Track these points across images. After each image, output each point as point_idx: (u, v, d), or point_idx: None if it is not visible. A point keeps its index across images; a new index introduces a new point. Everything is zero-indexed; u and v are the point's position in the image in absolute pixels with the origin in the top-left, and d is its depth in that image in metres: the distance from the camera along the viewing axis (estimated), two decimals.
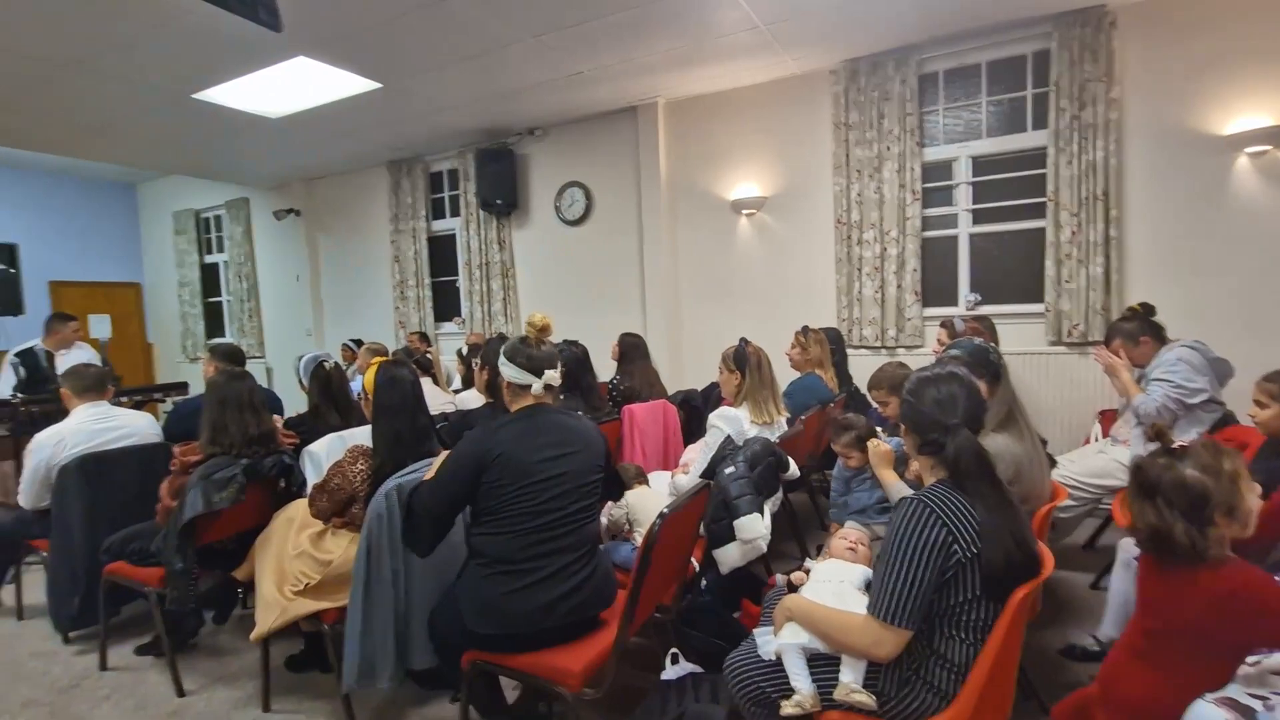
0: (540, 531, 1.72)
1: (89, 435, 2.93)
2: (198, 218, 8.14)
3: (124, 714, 2.34)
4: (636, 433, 3.16)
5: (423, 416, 2.25)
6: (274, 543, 2.30)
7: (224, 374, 2.67)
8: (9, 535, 3.09)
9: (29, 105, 4.53)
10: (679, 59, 4.26)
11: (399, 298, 6.60)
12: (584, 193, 5.54)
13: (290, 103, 4.68)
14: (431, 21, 3.51)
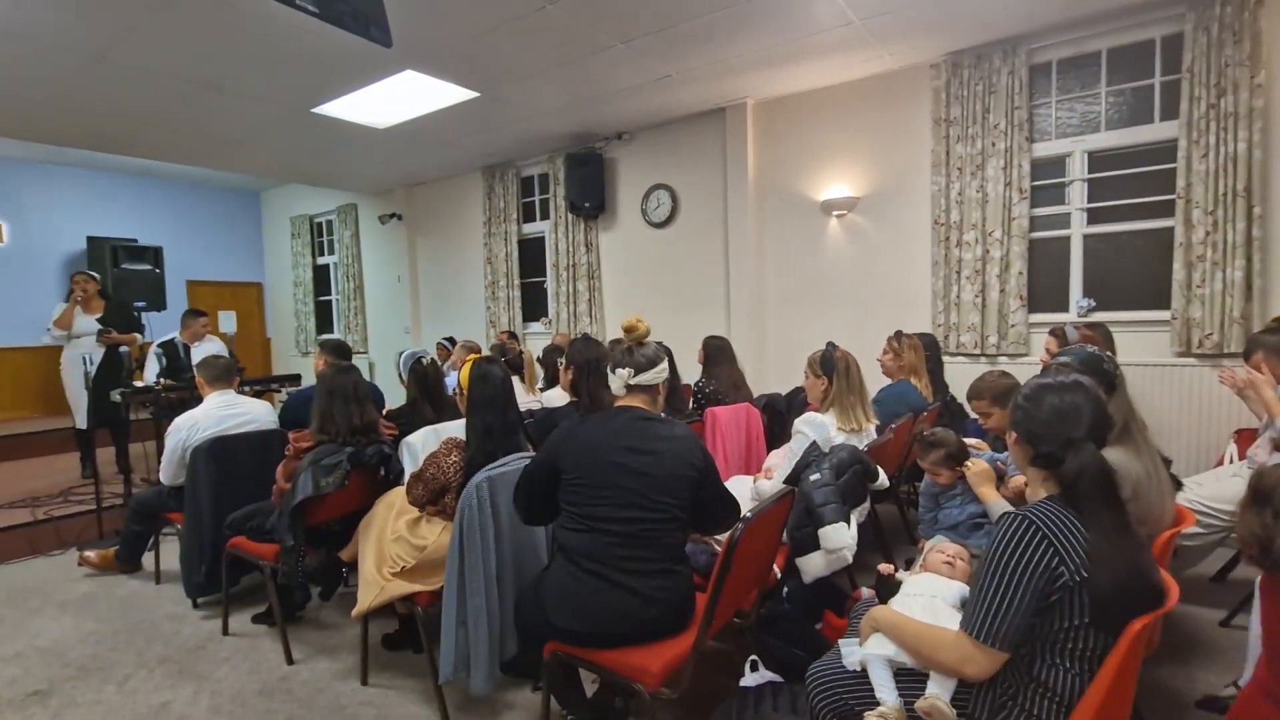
0: (619, 534, 1.73)
1: (217, 420, 3.23)
2: (311, 222, 8.80)
3: (241, 676, 2.55)
4: (718, 435, 3.14)
5: (512, 412, 2.33)
6: (375, 526, 2.45)
7: (332, 367, 2.87)
8: (150, 508, 3.45)
9: (175, 122, 5.04)
10: (769, 58, 4.21)
11: (490, 298, 6.86)
12: (670, 195, 5.57)
13: (396, 114, 4.97)
14: (528, 31, 3.63)
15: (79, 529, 4.13)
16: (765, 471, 2.68)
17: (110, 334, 5.16)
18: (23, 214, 7.44)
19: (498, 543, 2.09)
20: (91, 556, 3.64)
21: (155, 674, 2.58)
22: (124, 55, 3.78)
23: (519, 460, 2.22)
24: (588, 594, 1.72)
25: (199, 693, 2.44)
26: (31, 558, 3.91)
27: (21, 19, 3.32)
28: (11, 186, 7.34)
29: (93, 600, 3.30)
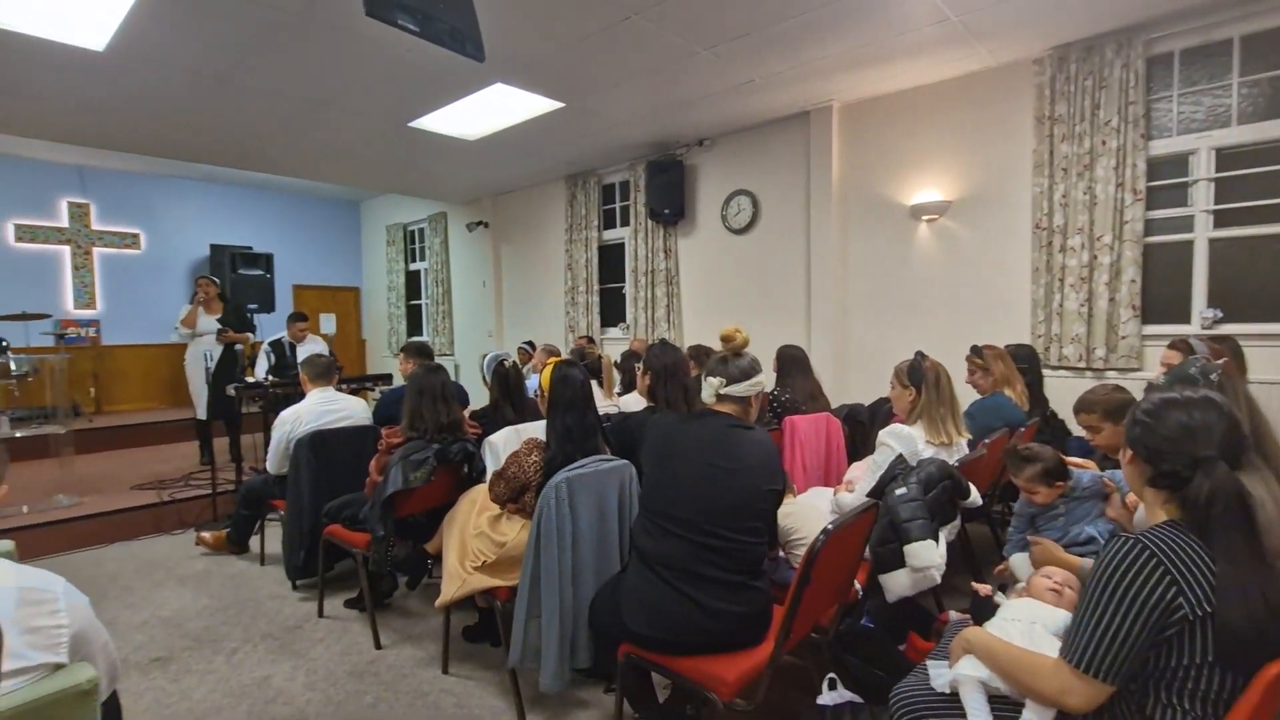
0: (696, 543, 1.71)
1: (318, 415, 3.45)
2: (405, 230, 9.28)
3: (333, 657, 2.70)
4: (797, 445, 3.07)
5: (591, 415, 2.36)
6: (458, 521, 2.54)
7: (423, 367, 3.00)
8: (257, 494, 3.73)
9: (287, 138, 5.45)
10: (857, 60, 4.10)
11: (570, 303, 7.00)
12: (751, 201, 5.51)
13: (485, 125, 5.17)
14: (613, 41, 3.70)
15: (197, 511, 4.51)
16: (846, 484, 2.59)
17: (227, 333, 5.61)
18: (157, 224, 8.23)
19: (574, 542, 2.11)
20: (206, 537, 3.96)
21: (258, 648, 2.78)
22: (245, 77, 4.12)
23: (597, 462, 2.25)
24: (662, 600, 1.72)
25: (296, 669, 2.60)
26: (157, 535, 4.30)
27: (158, 46, 3.68)
28: (148, 199, 8.15)
29: (207, 577, 3.59)
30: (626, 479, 2.28)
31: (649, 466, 1.79)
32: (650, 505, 1.77)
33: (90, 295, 7.77)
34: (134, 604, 3.23)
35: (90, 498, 4.60)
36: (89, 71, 3.97)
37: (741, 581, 1.74)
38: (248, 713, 2.32)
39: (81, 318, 7.64)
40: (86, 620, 1.25)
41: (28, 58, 3.76)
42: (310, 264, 9.53)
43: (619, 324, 6.75)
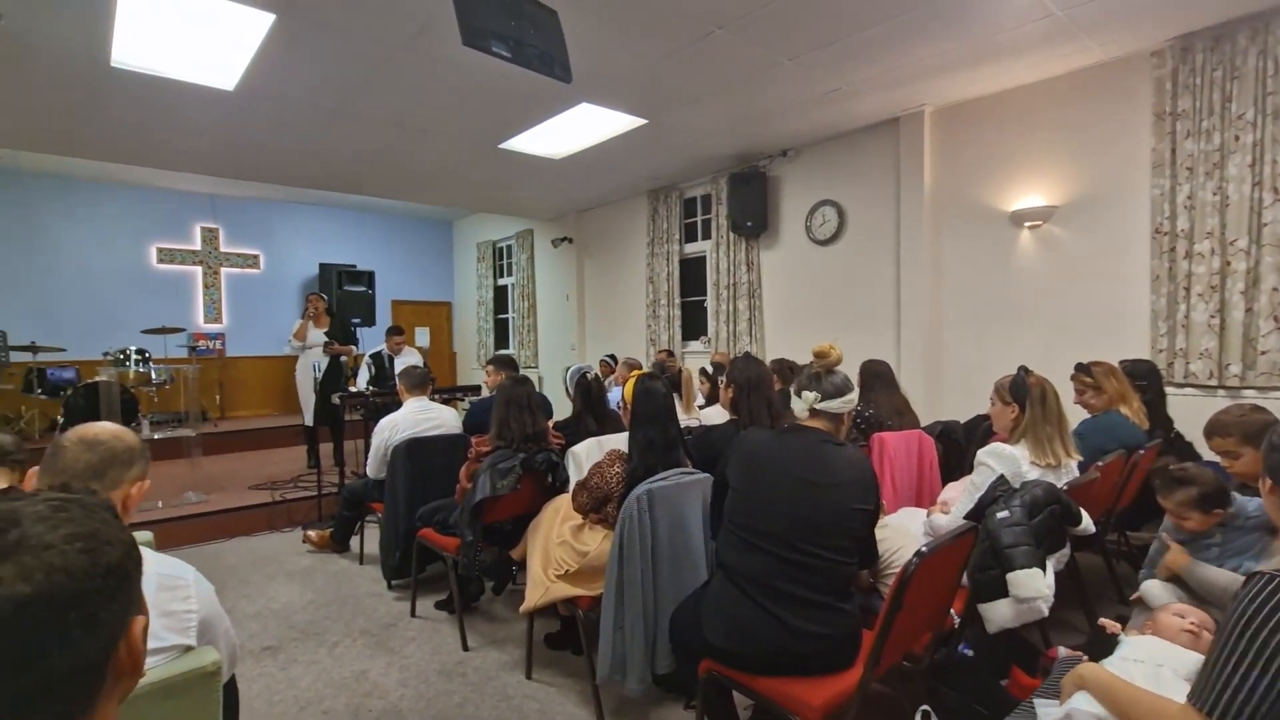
0: (784, 559, 1.67)
1: (413, 423, 3.63)
2: (494, 247, 9.66)
3: (425, 656, 2.81)
4: (886, 462, 2.94)
5: (673, 427, 2.36)
6: (542, 529, 2.59)
7: (510, 379, 3.10)
8: (358, 497, 3.95)
9: (387, 163, 5.81)
10: (950, 62, 3.93)
11: (651, 316, 7.06)
12: (836, 211, 5.38)
13: (570, 144, 5.32)
14: (696, 57, 3.72)
15: (304, 511, 4.84)
16: (941, 505, 2.46)
17: (333, 345, 6.02)
18: (273, 245, 8.97)
19: (655, 554, 2.12)
20: (312, 535, 4.24)
21: (357, 643, 2.93)
22: (354, 109, 4.44)
23: (678, 475, 2.24)
24: (744, 615, 1.68)
25: (390, 665, 2.73)
26: (270, 532, 4.64)
27: (280, 85, 4.02)
28: (268, 223, 8.89)
29: (312, 573, 3.83)
30: (707, 492, 2.26)
31: (736, 480, 1.77)
32: (736, 518, 1.75)
33: (218, 311, 8.55)
34: (249, 595, 3.50)
35: (214, 495, 5.03)
36: (221, 109, 4.39)
37: (829, 602, 1.69)
38: (346, 704, 2.45)
39: (210, 331, 8.41)
40: (212, 607, 1.36)
41: (169, 98, 4.21)
42: (407, 280, 10.09)
43: (700, 337, 6.73)
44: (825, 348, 1.90)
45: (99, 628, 0.54)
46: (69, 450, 1.33)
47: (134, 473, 1.39)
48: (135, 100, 4.21)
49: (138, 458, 1.40)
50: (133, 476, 1.39)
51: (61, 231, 7.48)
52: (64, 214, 7.49)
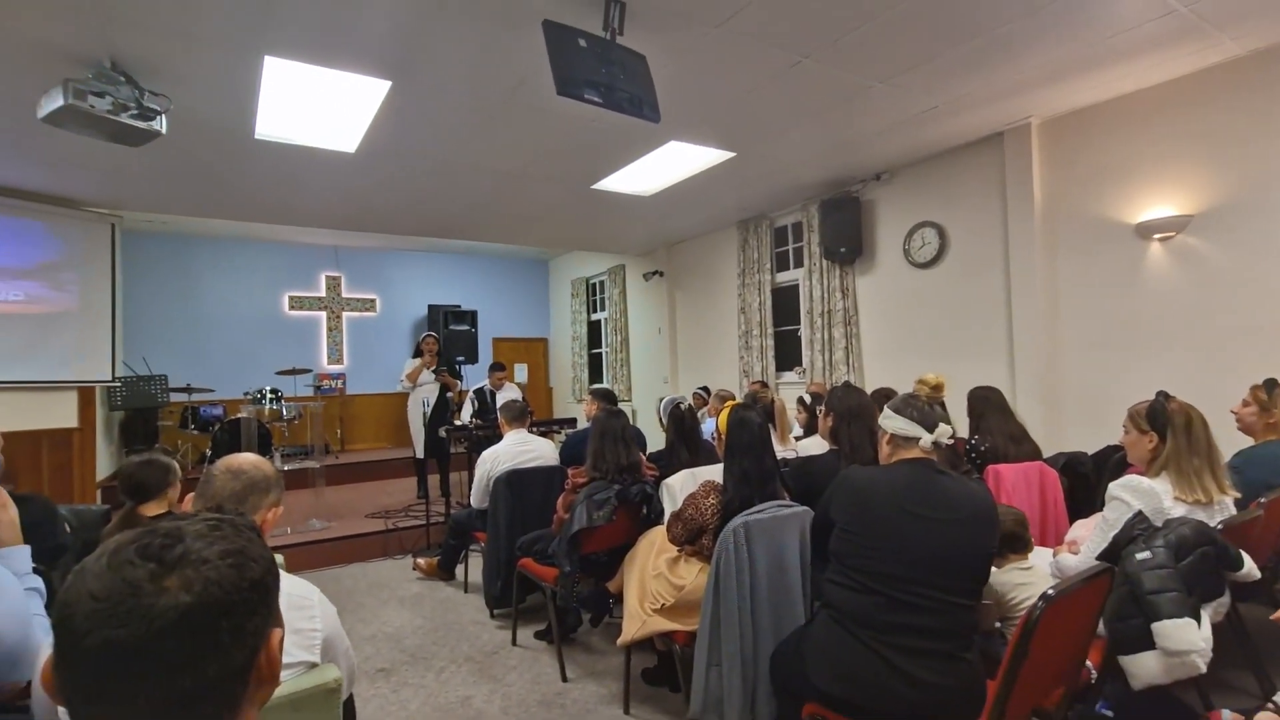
0: (897, 600, 1.57)
1: (514, 455, 3.76)
2: (587, 283, 9.96)
3: (525, 685, 2.86)
4: (1004, 497, 2.73)
5: (769, 458, 2.32)
6: (638, 562, 2.60)
7: (605, 411, 3.17)
8: (462, 527, 4.12)
9: (488, 208, 6.16)
10: (1058, 71, 3.72)
11: (743, 347, 6.99)
12: (937, 233, 5.16)
13: (660, 181, 5.45)
14: (783, 87, 3.73)
15: (414, 538, 5.09)
16: (1069, 544, 2.26)
17: (444, 373, 6.39)
18: (388, 290, 9.68)
19: (754, 589, 2.06)
20: (421, 563, 4.45)
21: (462, 670, 3.03)
22: (459, 160, 4.77)
23: (776, 507, 2.19)
24: (853, 659, 1.60)
25: (493, 693, 2.79)
26: (383, 559, 4.91)
27: (394, 144, 4.39)
28: (383, 269, 9.63)
29: (421, 599, 4.01)
30: (806, 525, 2.19)
31: (844, 517, 1.69)
32: (846, 558, 1.66)
33: (340, 352, 9.28)
34: (365, 618, 3.70)
35: (335, 523, 5.40)
36: (343, 170, 4.84)
37: (948, 650, 1.57)
38: None
39: (332, 371, 9.13)
40: (334, 627, 1.46)
41: (301, 163, 4.69)
42: (506, 318, 10.57)
43: (795, 368, 6.58)
44: (935, 378, 1.83)
45: (245, 637, 0.60)
46: (218, 478, 1.48)
47: (270, 499, 1.53)
48: (273, 166, 4.73)
49: (274, 486, 1.54)
50: (269, 503, 1.53)
51: (210, 285, 8.43)
52: (212, 269, 8.45)
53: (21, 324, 5.33)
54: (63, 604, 0.56)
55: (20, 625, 1.28)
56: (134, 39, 2.96)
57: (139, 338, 7.46)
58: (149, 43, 3.00)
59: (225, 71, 3.29)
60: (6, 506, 1.49)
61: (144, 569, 0.56)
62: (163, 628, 0.55)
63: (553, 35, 2.64)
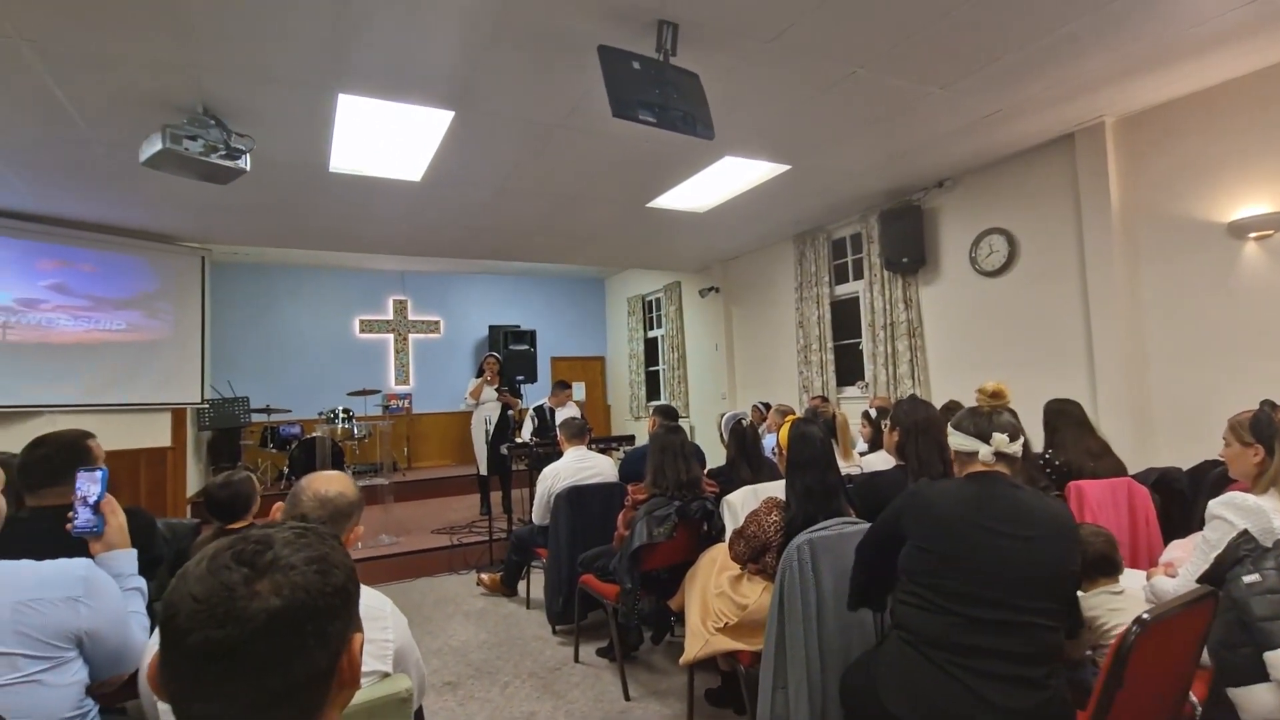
0: (975, 620, 1.50)
1: (574, 472, 3.79)
2: (643, 301, 10.02)
3: (588, 702, 2.85)
4: (1088, 515, 2.57)
5: (832, 475, 2.26)
6: (699, 579, 2.57)
7: (663, 427, 3.17)
8: (524, 543, 4.18)
9: (545, 230, 6.31)
10: (1133, 66, 3.54)
11: (803, 362, 6.87)
12: (1005, 239, 4.96)
13: (714, 197, 5.45)
14: (837, 98, 3.69)
15: (478, 554, 5.19)
16: (1165, 566, 2.10)
17: (505, 393, 6.54)
18: (451, 312, 10.00)
19: (820, 608, 2.00)
20: (485, 578, 4.52)
21: (525, 685, 3.05)
22: (518, 184, 4.91)
23: (841, 524, 2.13)
24: (929, 684, 1.53)
25: (556, 710, 2.80)
26: (448, 574, 5.02)
27: (457, 171, 4.56)
28: (446, 292, 9.96)
29: (485, 614, 4.07)
30: None
31: (914, 528, 1.63)
32: (916, 574, 1.60)
33: (406, 373, 9.63)
34: (431, 632, 3.78)
35: (403, 538, 5.56)
36: (410, 198, 5.06)
37: (1032, 676, 1.48)
38: None
39: (399, 391, 9.46)
40: (406, 639, 1.50)
41: (371, 193, 4.93)
42: (564, 337, 10.74)
43: (857, 382, 6.42)
44: (997, 386, 1.75)
45: (329, 640, 0.63)
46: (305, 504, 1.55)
47: (352, 523, 1.60)
48: (345, 197, 4.99)
49: (355, 509, 1.61)
50: (351, 525, 1.59)
51: (287, 311, 8.92)
52: (289, 296, 8.94)
53: (124, 351, 5.76)
54: (167, 604, 0.60)
55: (119, 625, 1.37)
56: (222, 85, 3.20)
57: (224, 362, 7.95)
58: (235, 87, 3.23)
59: (303, 110, 3.51)
60: (117, 512, 1.62)
61: (238, 573, 0.60)
62: (255, 630, 0.58)
63: (607, 59, 2.70)
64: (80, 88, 3.17)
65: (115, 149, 3.83)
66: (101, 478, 1.62)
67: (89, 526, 1.57)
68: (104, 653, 1.33)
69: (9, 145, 3.84)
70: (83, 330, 5.55)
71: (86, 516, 1.57)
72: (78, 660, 1.29)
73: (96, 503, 1.59)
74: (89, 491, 1.59)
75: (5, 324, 5.14)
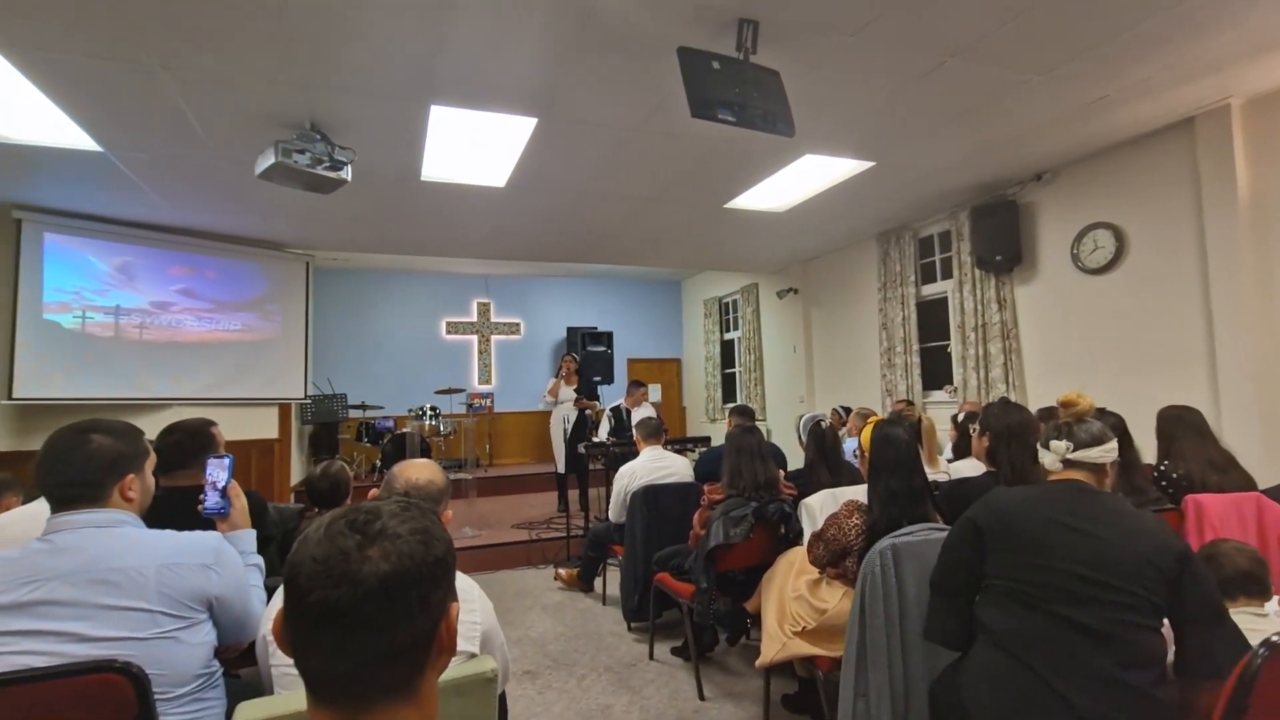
0: (1060, 617, 1.43)
1: (649, 471, 3.83)
2: (720, 303, 9.96)
3: (662, 700, 2.87)
4: (1209, 532, 2.36)
5: (918, 478, 2.18)
6: (776, 582, 2.54)
7: (739, 427, 3.15)
8: (601, 540, 4.25)
9: (623, 232, 6.39)
10: (1263, 43, 3.22)
11: (886, 365, 6.64)
12: (1112, 234, 4.62)
13: (794, 196, 5.36)
14: (927, 90, 3.55)
15: (555, 550, 5.32)
16: None
17: (581, 399, 6.66)
18: (531, 314, 10.29)
19: (903, 616, 1.94)
20: (562, 573, 4.63)
21: (601, 679, 3.10)
22: (598, 187, 5.00)
23: (927, 530, 2.05)
24: (1015, 684, 1.46)
25: (631, 704, 2.83)
26: (527, 568, 5.17)
27: (539, 177, 4.70)
28: (526, 294, 10.27)
29: (562, 608, 4.17)
30: None
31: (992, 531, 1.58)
32: (1000, 575, 1.55)
33: (489, 373, 9.99)
34: (511, 623, 3.91)
35: (484, 531, 5.77)
36: (494, 204, 5.25)
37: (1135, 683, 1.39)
38: None
39: (482, 391, 9.82)
40: (492, 622, 1.57)
41: (458, 200, 5.15)
42: (641, 339, 10.84)
43: (944, 387, 6.14)
44: (1073, 396, 1.67)
45: (429, 606, 0.67)
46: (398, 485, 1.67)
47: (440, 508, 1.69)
48: (434, 204, 5.24)
49: (443, 496, 1.71)
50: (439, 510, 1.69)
51: (380, 313, 9.45)
52: (383, 299, 9.47)
53: (239, 350, 6.27)
54: (290, 565, 0.66)
55: (242, 594, 1.51)
56: (327, 101, 3.44)
57: (324, 361, 8.51)
58: (338, 103, 3.47)
59: (399, 122, 3.72)
60: (240, 497, 1.79)
61: (352, 539, 0.66)
62: (366, 591, 0.63)
63: (687, 61, 2.72)
64: (207, 108, 3.49)
65: (235, 164, 4.19)
66: (228, 465, 1.79)
67: (217, 508, 1.74)
68: (229, 618, 1.47)
69: (149, 164, 4.27)
70: (205, 330, 6.08)
71: (215, 499, 1.74)
72: (207, 623, 1.43)
73: (224, 487, 1.76)
74: (217, 477, 1.76)
75: (142, 325, 5.71)
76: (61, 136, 3.78)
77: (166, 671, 1.30)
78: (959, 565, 1.67)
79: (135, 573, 1.31)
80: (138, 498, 1.48)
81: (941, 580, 1.73)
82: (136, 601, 1.29)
